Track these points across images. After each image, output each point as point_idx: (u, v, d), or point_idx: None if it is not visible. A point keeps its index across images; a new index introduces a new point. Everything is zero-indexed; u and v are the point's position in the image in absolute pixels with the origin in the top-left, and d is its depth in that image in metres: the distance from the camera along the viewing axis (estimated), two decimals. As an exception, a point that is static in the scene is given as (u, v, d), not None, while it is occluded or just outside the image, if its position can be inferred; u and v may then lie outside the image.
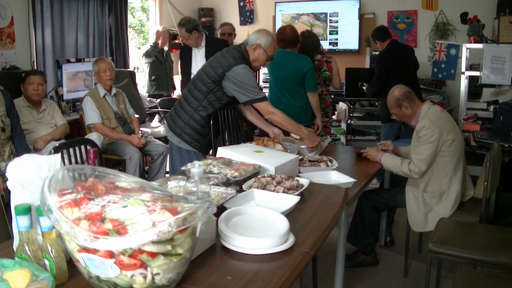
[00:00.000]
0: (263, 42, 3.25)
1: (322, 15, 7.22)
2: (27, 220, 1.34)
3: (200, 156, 3.35)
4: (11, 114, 3.61)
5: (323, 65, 5.00)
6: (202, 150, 3.40)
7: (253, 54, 3.29)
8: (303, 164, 3.03)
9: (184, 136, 3.36)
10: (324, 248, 3.76)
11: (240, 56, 3.24)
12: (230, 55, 3.25)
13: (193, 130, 3.35)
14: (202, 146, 3.40)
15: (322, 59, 5.02)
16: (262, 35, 3.29)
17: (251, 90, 3.19)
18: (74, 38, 5.79)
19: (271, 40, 3.28)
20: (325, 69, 5.01)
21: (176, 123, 3.40)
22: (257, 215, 1.86)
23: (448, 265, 3.46)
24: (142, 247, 1.20)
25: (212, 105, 3.32)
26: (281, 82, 4.57)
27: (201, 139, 3.39)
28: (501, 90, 5.09)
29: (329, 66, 5.02)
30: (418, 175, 3.17)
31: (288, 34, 4.53)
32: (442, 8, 6.52)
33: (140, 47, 7.98)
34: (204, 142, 3.41)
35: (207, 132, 3.40)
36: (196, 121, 3.34)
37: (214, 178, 2.25)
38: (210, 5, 8.02)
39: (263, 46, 3.26)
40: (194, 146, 3.38)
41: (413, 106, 3.31)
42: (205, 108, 3.32)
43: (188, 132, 3.35)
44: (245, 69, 3.19)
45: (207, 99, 3.29)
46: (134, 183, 1.42)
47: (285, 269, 1.52)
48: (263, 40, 3.26)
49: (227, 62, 3.20)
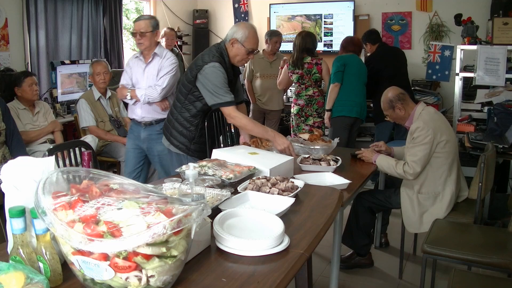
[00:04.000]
0: (240, 36, 3.14)
1: (316, 17, 7.22)
2: (22, 223, 1.33)
3: (189, 160, 3.26)
4: (6, 119, 3.59)
5: (312, 68, 5.11)
6: (189, 153, 3.35)
7: (232, 49, 3.18)
8: (305, 161, 3.05)
9: (172, 140, 3.37)
10: (319, 249, 3.79)
11: (216, 54, 3.15)
12: (207, 54, 3.17)
13: (178, 133, 3.34)
14: (189, 149, 3.34)
15: (312, 62, 5.14)
16: (239, 28, 3.18)
17: (216, 92, 3.08)
18: (68, 39, 5.78)
19: (247, 33, 3.15)
20: (315, 71, 5.12)
21: (165, 126, 3.45)
22: (252, 217, 1.86)
23: (443, 266, 3.47)
24: (137, 250, 1.19)
25: (193, 105, 3.27)
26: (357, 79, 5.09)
27: (187, 141, 3.34)
28: (495, 91, 5.11)
29: (319, 68, 5.13)
30: (412, 176, 3.17)
31: (357, 43, 5.29)
32: (436, 10, 6.54)
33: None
34: (190, 145, 3.34)
35: (192, 136, 3.33)
36: (180, 123, 3.32)
37: (209, 180, 2.25)
38: (205, 7, 8.02)
39: (240, 40, 3.13)
40: (181, 149, 3.35)
41: (406, 108, 3.32)
42: (187, 110, 3.29)
43: (175, 135, 3.35)
44: (213, 68, 3.08)
45: (187, 99, 3.27)
46: (129, 185, 1.42)
47: (280, 270, 1.52)
48: (240, 34, 3.14)
49: (201, 62, 3.13)
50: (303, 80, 5.21)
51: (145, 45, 3.84)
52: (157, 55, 3.91)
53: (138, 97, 3.86)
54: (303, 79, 5.21)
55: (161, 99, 3.91)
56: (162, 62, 3.88)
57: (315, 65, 5.15)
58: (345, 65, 5.02)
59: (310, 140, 3.45)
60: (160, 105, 3.94)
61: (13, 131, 3.63)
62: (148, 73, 3.92)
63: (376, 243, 4.02)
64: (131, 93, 3.91)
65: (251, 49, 3.19)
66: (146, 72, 3.93)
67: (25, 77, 4.29)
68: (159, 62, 3.89)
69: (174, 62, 3.91)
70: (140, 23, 3.82)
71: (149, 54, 3.91)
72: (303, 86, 5.25)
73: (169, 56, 3.93)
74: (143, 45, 3.85)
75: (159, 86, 3.83)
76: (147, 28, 3.80)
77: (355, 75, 5.07)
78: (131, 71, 4.01)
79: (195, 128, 3.33)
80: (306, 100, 5.27)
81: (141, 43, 3.84)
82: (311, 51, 5.21)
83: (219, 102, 3.10)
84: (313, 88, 5.20)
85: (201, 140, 3.35)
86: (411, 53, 6.60)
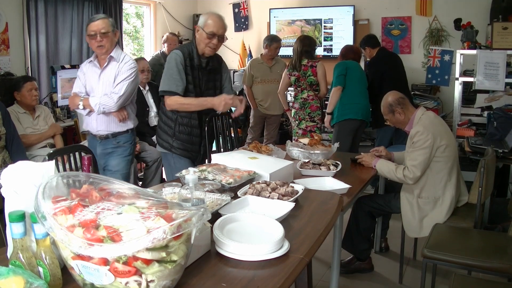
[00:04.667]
0: (201, 22, 3.19)
1: (316, 21, 7.24)
2: (21, 227, 1.33)
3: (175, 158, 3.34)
4: (7, 123, 3.59)
5: (307, 70, 5.13)
6: (172, 150, 3.34)
7: (197, 38, 3.23)
8: (305, 166, 3.05)
9: (159, 140, 3.39)
10: (319, 254, 3.78)
11: (186, 44, 3.31)
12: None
13: (162, 130, 3.36)
14: (172, 146, 3.35)
15: (307, 64, 5.16)
16: (201, 16, 3.26)
17: (165, 79, 3.18)
18: (69, 44, 5.78)
19: (207, 17, 3.19)
20: (310, 73, 5.15)
21: (163, 138, 3.38)
22: (251, 221, 1.86)
23: (443, 271, 3.46)
24: (137, 254, 1.19)
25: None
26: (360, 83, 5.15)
27: (169, 138, 3.34)
28: (494, 95, 5.12)
29: (314, 70, 5.15)
30: (412, 181, 3.17)
31: (356, 51, 5.40)
32: (436, 14, 6.55)
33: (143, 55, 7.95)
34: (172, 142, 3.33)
35: (173, 132, 3.33)
36: (163, 121, 3.34)
37: (208, 184, 2.25)
38: (205, 12, 8.00)
39: (202, 26, 3.17)
40: (165, 147, 3.38)
41: (406, 112, 3.32)
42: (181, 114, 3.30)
43: (159, 134, 3.38)
44: (170, 57, 3.21)
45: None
46: (129, 190, 1.42)
47: (280, 275, 1.52)
48: (201, 20, 3.20)
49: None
50: (299, 82, 5.26)
51: (106, 48, 3.44)
52: (114, 59, 3.50)
53: (92, 106, 3.46)
54: (299, 82, 5.26)
55: (118, 109, 3.48)
56: (119, 67, 3.49)
57: (310, 68, 5.18)
58: (347, 69, 5.03)
59: (310, 145, 3.46)
60: (117, 116, 3.52)
61: (13, 135, 3.61)
62: (104, 79, 3.51)
63: (376, 248, 4.02)
64: (84, 102, 3.48)
65: (211, 33, 3.16)
66: (101, 78, 3.52)
67: (24, 82, 4.30)
68: (116, 67, 3.49)
69: (133, 67, 3.52)
70: (99, 23, 3.42)
71: (105, 58, 3.50)
72: (299, 89, 5.30)
73: (128, 59, 3.54)
74: (104, 48, 3.44)
75: (116, 93, 3.43)
76: (108, 28, 3.43)
77: (358, 79, 5.09)
78: (85, 77, 3.60)
79: (174, 124, 3.31)
80: (300, 103, 5.31)
81: (102, 46, 3.43)
82: (309, 53, 5.25)
83: (166, 90, 3.18)
84: (308, 91, 5.23)
85: (182, 136, 3.33)
86: (411, 57, 6.61)
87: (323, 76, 5.20)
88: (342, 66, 5.08)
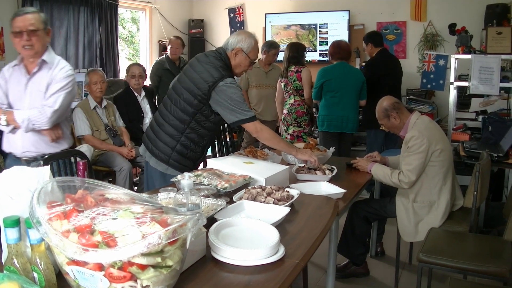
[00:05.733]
0: (246, 46, 2.94)
1: (311, 26, 7.26)
2: (16, 233, 1.33)
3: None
4: None
5: (293, 75, 5.17)
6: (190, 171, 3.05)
7: (235, 59, 2.96)
8: (301, 171, 3.05)
9: (172, 162, 2.97)
10: (314, 259, 3.78)
11: (222, 65, 2.90)
12: (211, 67, 2.87)
13: (183, 155, 2.96)
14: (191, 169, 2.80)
15: (293, 70, 5.20)
16: (244, 38, 2.96)
17: (239, 109, 2.82)
18: (64, 49, 5.78)
19: (253, 43, 2.97)
20: (295, 79, 5.19)
21: (160, 149, 2.97)
22: (247, 226, 1.86)
23: (438, 275, 3.46)
24: (132, 260, 1.19)
25: (202, 125, 2.95)
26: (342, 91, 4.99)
27: (191, 163, 3.00)
28: (489, 100, 5.14)
29: (298, 75, 5.19)
30: (407, 185, 3.18)
31: (344, 48, 5.09)
32: (430, 19, 6.58)
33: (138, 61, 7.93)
34: (193, 166, 3.00)
35: (198, 156, 3.05)
36: (185, 146, 2.96)
37: (204, 189, 2.25)
38: (200, 17, 8.04)
39: (246, 51, 2.95)
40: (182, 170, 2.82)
41: (401, 117, 3.33)
42: (193, 130, 2.94)
43: (177, 159, 2.96)
44: (232, 84, 2.84)
45: (195, 120, 2.91)
46: (124, 195, 1.42)
47: (275, 280, 1.51)
48: (245, 44, 2.94)
49: (211, 77, 2.83)
50: (287, 88, 5.32)
51: (36, 49, 2.86)
52: (46, 64, 2.93)
53: (17, 122, 2.87)
54: (287, 87, 5.31)
55: (52, 126, 2.92)
56: (53, 74, 2.92)
57: (296, 73, 5.22)
58: (326, 81, 5.01)
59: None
60: (50, 134, 2.96)
61: None
62: (33, 89, 2.93)
63: (371, 252, 4.02)
64: (8, 116, 2.88)
65: (254, 60, 3.04)
66: (29, 87, 2.94)
67: None
68: (48, 74, 2.92)
69: (70, 74, 2.97)
70: (28, 17, 2.81)
71: (35, 62, 2.91)
72: (287, 95, 5.36)
73: (64, 64, 2.98)
74: (33, 49, 2.85)
75: (50, 107, 2.87)
76: (38, 25, 2.83)
77: (340, 88, 5.00)
78: (6, 85, 2.99)
79: (201, 150, 3.07)
80: (288, 109, 5.35)
81: (31, 46, 2.84)
82: (296, 58, 5.28)
83: (243, 118, 2.84)
84: (295, 96, 5.28)
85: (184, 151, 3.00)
86: (406, 62, 6.62)
87: (307, 81, 5.21)
88: (319, 77, 5.05)
